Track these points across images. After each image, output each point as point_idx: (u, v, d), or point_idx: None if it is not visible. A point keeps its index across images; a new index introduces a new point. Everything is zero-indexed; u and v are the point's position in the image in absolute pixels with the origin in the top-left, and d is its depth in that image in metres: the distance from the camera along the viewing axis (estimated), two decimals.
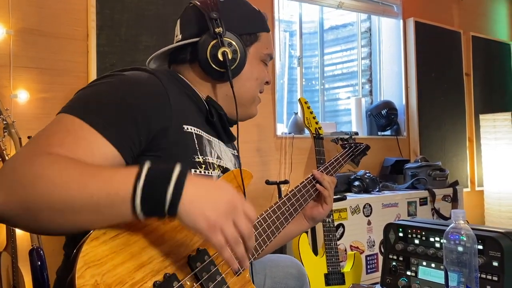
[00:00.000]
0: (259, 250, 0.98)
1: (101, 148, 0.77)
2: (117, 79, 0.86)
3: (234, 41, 0.99)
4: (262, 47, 1.07)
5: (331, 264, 2.14)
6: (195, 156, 0.92)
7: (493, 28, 4.60)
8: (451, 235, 1.01)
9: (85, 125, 0.76)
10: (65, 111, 0.79)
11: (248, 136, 2.78)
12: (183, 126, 0.91)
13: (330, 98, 3.79)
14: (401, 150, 3.67)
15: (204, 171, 0.93)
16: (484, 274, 1.17)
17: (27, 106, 2.08)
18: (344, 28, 3.85)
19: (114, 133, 0.78)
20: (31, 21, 2.13)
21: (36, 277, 1.63)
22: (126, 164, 0.81)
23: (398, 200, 2.91)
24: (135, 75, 0.88)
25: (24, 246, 1.81)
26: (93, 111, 0.79)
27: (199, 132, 0.95)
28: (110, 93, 0.83)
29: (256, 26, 1.07)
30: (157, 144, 0.85)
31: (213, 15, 0.98)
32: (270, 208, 1.05)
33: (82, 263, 0.68)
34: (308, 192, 1.22)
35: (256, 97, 1.11)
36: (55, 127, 0.77)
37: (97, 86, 0.85)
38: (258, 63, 1.08)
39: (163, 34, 2.46)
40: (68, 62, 2.22)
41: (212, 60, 0.98)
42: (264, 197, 2.81)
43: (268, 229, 1.01)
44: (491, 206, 3.87)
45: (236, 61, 1.00)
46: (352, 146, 1.52)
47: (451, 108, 4.01)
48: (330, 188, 1.25)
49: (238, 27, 1.02)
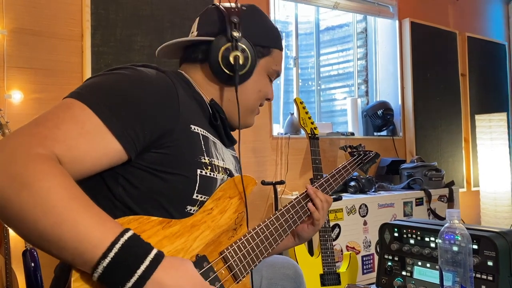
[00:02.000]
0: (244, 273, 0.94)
1: (105, 142, 0.76)
2: (130, 73, 0.86)
3: (247, 49, 1.00)
4: (272, 63, 1.09)
5: (326, 265, 2.13)
6: (202, 156, 0.91)
7: (488, 28, 4.62)
8: (446, 235, 1.01)
9: (94, 116, 0.76)
10: (75, 97, 0.78)
11: (244, 137, 2.77)
12: (190, 126, 0.90)
13: (326, 98, 3.79)
14: (397, 150, 3.67)
15: (210, 172, 0.92)
16: (479, 274, 1.17)
17: (21, 106, 2.07)
18: (340, 29, 3.86)
19: (121, 127, 0.78)
20: (25, 21, 2.12)
21: (29, 278, 1.61)
22: (129, 159, 0.81)
23: (394, 200, 2.91)
24: (148, 72, 0.88)
25: (17, 247, 1.80)
26: (102, 101, 0.78)
27: (205, 134, 0.95)
28: (121, 86, 0.83)
29: (271, 41, 1.08)
30: (164, 142, 0.84)
31: (234, 19, 0.99)
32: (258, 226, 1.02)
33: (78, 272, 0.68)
34: (302, 209, 1.15)
35: (256, 108, 1.12)
36: (63, 113, 0.75)
37: (109, 76, 0.84)
38: (264, 76, 1.09)
39: (158, 34, 2.45)
40: (63, 62, 2.21)
41: (223, 62, 0.99)
42: (260, 198, 2.81)
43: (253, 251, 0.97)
44: (487, 206, 3.88)
45: (245, 68, 1.01)
46: (361, 154, 1.48)
47: (447, 108, 4.02)
48: (321, 208, 1.17)
49: (254, 37, 1.03)
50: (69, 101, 0.78)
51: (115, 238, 0.68)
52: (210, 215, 0.90)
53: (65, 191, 0.67)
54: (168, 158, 0.85)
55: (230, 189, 0.97)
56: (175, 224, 0.83)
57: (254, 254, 0.97)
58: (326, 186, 1.25)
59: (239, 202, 0.98)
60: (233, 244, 0.93)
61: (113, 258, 0.66)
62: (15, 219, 0.65)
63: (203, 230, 0.88)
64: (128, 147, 0.79)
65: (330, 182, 1.27)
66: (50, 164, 0.68)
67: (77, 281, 0.68)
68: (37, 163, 0.67)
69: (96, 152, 0.76)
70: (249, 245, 0.96)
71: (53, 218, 0.65)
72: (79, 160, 0.74)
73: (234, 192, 0.98)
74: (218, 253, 0.90)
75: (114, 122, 0.77)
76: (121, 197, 0.84)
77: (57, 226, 0.65)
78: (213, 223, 0.90)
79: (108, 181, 0.84)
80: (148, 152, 0.83)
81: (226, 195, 0.95)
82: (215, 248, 0.90)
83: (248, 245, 0.96)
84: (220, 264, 0.89)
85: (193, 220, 0.87)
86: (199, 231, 0.87)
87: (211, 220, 0.90)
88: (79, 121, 0.75)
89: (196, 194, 0.89)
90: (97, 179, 0.83)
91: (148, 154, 0.84)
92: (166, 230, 0.80)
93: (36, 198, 0.65)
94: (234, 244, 0.93)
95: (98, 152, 0.76)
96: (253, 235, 0.98)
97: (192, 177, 0.88)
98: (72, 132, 0.73)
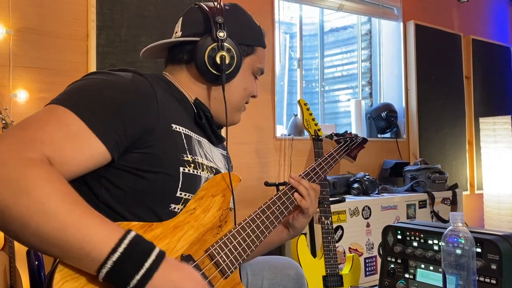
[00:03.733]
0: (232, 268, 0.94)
1: (90, 144, 0.78)
2: (106, 77, 0.88)
3: (233, 48, 1.02)
4: (256, 61, 1.11)
5: (329, 266, 2.13)
6: (184, 155, 0.92)
7: (493, 31, 4.60)
8: (449, 238, 1.01)
9: (77, 119, 0.77)
10: (57, 103, 0.79)
11: (248, 138, 2.78)
12: (171, 125, 0.92)
13: (330, 100, 3.79)
14: (401, 152, 3.67)
15: (193, 170, 0.93)
16: (483, 277, 1.17)
17: (26, 105, 2.08)
18: (345, 30, 3.85)
19: (103, 129, 0.79)
20: (31, 21, 2.13)
21: (33, 277, 1.62)
22: (112, 160, 0.82)
23: (397, 203, 2.91)
24: (125, 75, 0.90)
25: (21, 246, 1.81)
26: (84, 105, 0.80)
27: (187, 132, 0.96)
28: (100, 90, 0.84)
29: (255, 39, 1.10)
30: (145, 142, 0.86)
31: (219, 19, 1.01)
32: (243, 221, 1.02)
33: (59, 277, 0.69)
34: (289, 199, 1.13)
35: (242, 106, 1.14)
36: (47, 117, 0.77)
37: (87, 81, 0.86)
38: (249, 74, 1.12)
39: (163, 34, 2.45)
40: (68, 62, 2.22)
41: (209, 62, 1.01)
42: (263, 199, 2.79)
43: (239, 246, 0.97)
44: (490, 209, 3.87)
45: (231, 67, 1.03)
46: (348, 140, 1.48)
47: (451, 111, 4.01)
48: (307, 195, 1.14)
49: (239, 36, 1.04)
50: (51, 107, 0.79)
51: (122, 235, 0.70)
52: (193, 215, 0.91)
53: (65, 196, 0.69)
54: (150, 157, 0.87)
55: (213, 187, 0.97)
56: (157, 227, 0.83)
57: (241, 249, 0.97)
58: (312, 175, 1.23)
59: (222, 199, 0.98)
60: (218, 241, 0.93)
61: (122, 253, 0.68)
62: (14, 225, 0.66)
63: (186, 230, 0.88)
64: (111, 148, 0.80)
65: (316, 170, 1.25)
66: (45, 169, 0.69)
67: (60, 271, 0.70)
68: (33, 168, 0.68)
69: (83, 153, 0.77)
70: (235, 240, 0.96)
71: (57, 223, 0.66)
72: (67, 161, 0.75)
73: (217, 190, 0.98)
74: (204, 250, 0.91)
75: (96, 124, 0.79)
76: (104, 199, 0.86)
77: (60, 230, 0.66)
78: (197, 222, 0.91)
79: (91, 184, 0.86)
80: (130, 152, 0.85)
81: (209, 193, 0.96)
82: (201, 246, 0.90)
83: (234, 240, 0.96)
84: (206, 261, 0.90)
85: (175, 221, 0.87)
86: (183, 232, 0.88)
87: (194, 219, 0.91)
88: (63, 124, 0.76)
89: (179, 192, 0.90)
90: (79, 182, 0.84)
91: (130, 154, 0.85)
92: (148, 234, 0.81)
93: (37, 204, 0.65)
94: (220, 240, 0.94)
95: (84, 153, 0.78)
96: (239, 230, 0.98)
97: (175, 175, 0.89)
98: (58, 134, 0.75)
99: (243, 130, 2.68)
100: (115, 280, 0.69)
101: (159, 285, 0.71)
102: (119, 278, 0.69)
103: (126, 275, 0.69)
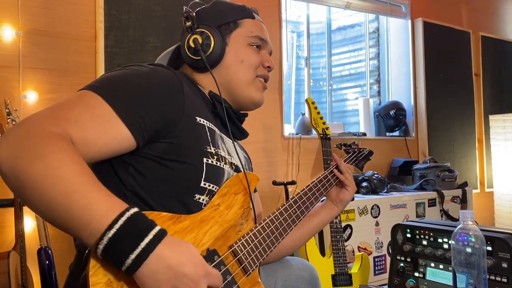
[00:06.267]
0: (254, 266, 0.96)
1: (114, 127, 0.81)
2: (138, 68, 0.92)
3: (206, 30, 1.05)
4: (245, 32, 1.10)
5: (338, 265, 2.13)
6: (208, 146, 0.94)
7: (503, 28, 4.56)
8: (459, 236, 1.00)
9: (104, 103, 0.81)
10: (87, 88, 0.84)
11: (255, 137, 2.78)
12: (196, 117, 0.94)
13: (337, 98, 3.78)
14: (410, 151, 3.64)
15: (216, 162, 0.95)
16: (493, 276, 1.16)
17: (36, 106, 2.10)
18: (352, 29, 3.84)
19: (129, 114, 0.82)
20: (40, 22, 2.15)
21: (44, 276, 1.64)
22: (138, 147, 0.85)
23: (406, 201, 2.89)
24: (155, 68, 0.95)
25: (32, 246, 1.82)
26: (113, 91, 0.84)
27: (211, 126, 0.98)
28: (130, 79, 0.88)
29: (234, 15, 1.11)
30: (170, 132, 0.88)
31: (185, 14, 1.05)
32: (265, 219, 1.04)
33: (95, 261, 0.70)
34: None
35: (252, 80, 1.11)
36: (76, 100, 0.81)
37: (119, 72, 0.90)
38: (244, 47, 1.10)
39: (170, 35, 2.47)
40: (77, 63, 2.24)
41: (190, 52, 1.05)
42: (271, 198, 2.81)
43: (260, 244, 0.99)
44: (501, 207, 3.83)
45: (210, 47, 1.04)
46: (356, 151, 1.53)
47: (460, 108, 3.98)
48: (345, 171, 1.30)
49: (214, 21, 1.08)
50: (82, 92, 0.84)
51: (121, 211, 0.70)
52: (218, 211, 0.92)
53: (76, 165, 0.71)
54: (175, 147, 0.89)
55: (235, 185, 0.99)
56: (185, 219, 0.84)
57: (261, 248, 0.99)
58: (325, 182, 1.28)
59: (244, 198, 1.00)
60: (241, 238, 0.95)
61: (118, 229, 0.68)
62: (26, 189, 0.69)
63: (212, 225, 0.90)
64: (135, 133, 0.83)
65: (328, 178, 1.31)
66: (63, 141, 0.73)
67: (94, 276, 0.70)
68: (51, 139, 0.71)
69: (106, 135, 0.80)
70: (256, 238, 0.98)
71: (64, 187, 0.68)
72: (90, 141, 0.78)
73: (239, 188, 0.99)
74: (227, 247, 0.92)
75: (123, 109, 0.82)
76: (132, 187, 0.88)
77: (66, 195, 0.68)
78: (221, 218, 0.92)
79: (119, 171, 0.88)
80: (156, 142, 0.87)
81: (231, 191, 0.97)
82: (224, 242, 0.91)
83: (255, 239, 0.98)
84: (229, 258, 0.91)
85: (201, 215, 0.89)
86: (208, 226, 0.89)
87: (218, 215, 0.92)
88: (90, 106, 0.80)
89: (203, 182, 0.91)
90: (107, 168, 0.88)
91: (156, 144, 0.88)
92: (177, 225, 0.82)
93: (49, 169, 0.68)
94: (243, 238, 0.95)
95: (107, 135, 0.80)
96: (260, 229, 1.00)
97: (199, 165, 0.91)
98: (83, 115, 0.78)
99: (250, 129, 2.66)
100: (112, 258, 0.68)
101: (155, 269, 0.69)
102: (115, 256, 0.68)
103: (121, 254, 0.68)
